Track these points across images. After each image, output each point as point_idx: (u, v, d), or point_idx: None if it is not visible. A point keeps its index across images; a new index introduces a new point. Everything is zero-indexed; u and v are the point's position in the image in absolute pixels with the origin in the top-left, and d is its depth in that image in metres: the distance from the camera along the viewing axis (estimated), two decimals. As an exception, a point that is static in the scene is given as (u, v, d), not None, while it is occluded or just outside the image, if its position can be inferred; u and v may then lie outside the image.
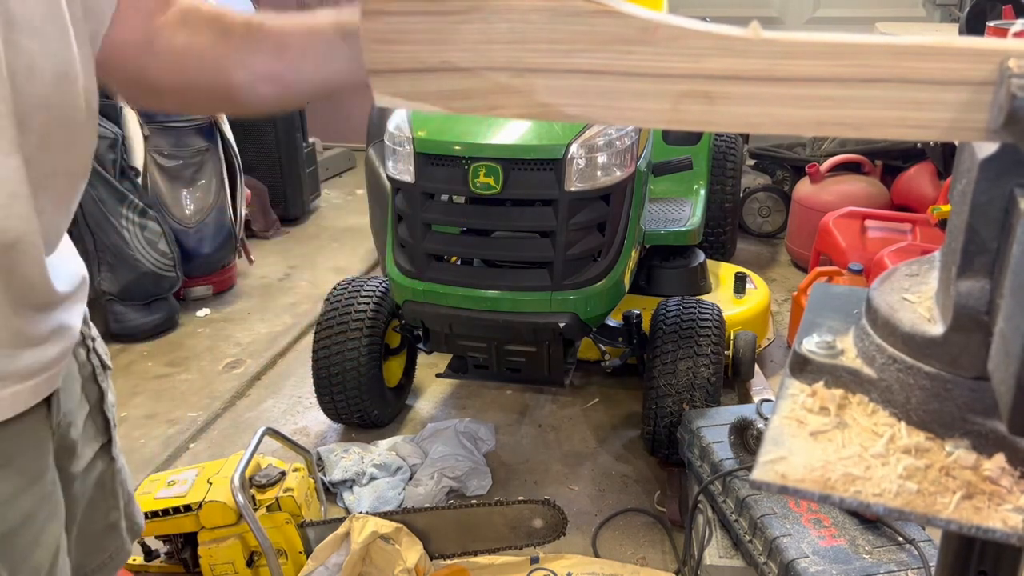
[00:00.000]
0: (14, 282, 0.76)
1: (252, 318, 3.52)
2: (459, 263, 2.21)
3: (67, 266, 0.88)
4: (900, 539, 1.60)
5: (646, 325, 2.45)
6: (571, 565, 1.98)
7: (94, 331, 1.01)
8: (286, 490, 1.89)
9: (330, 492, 2.33)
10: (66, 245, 0.90)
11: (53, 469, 0.88)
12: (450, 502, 2.26)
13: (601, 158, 2.05)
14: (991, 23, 3.18)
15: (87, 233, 3.12)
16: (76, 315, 0.90)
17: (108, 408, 1.01)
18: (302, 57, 0.81)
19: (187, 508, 1.83)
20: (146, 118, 3.30)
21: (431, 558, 1.90)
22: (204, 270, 3.57)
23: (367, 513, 1.88)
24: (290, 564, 1.90)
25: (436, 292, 2.13)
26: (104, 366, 1.01)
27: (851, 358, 0.57)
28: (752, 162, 4.66)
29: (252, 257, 3.79)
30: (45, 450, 0.86)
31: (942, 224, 3.15)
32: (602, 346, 2.45)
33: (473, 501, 2.15)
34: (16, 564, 0.81)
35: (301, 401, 2.85)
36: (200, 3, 0.86)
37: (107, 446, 1.01)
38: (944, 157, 3.73)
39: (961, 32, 3.72)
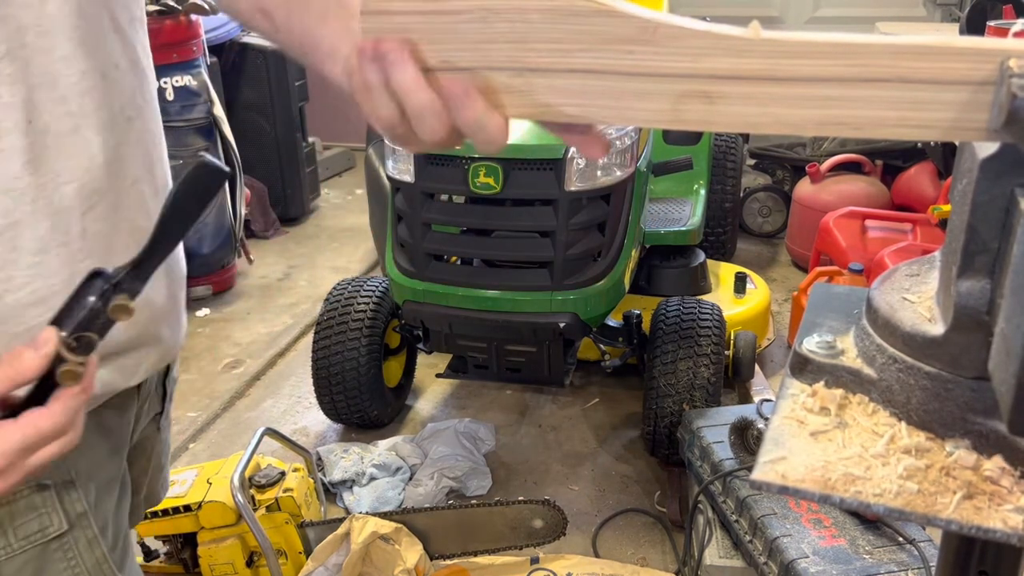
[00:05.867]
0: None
1: (252, 318, 3.52)
2: (459, 263, 2.21)
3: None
4: (900, 539, 1.60)
5: (646, 325, 2.45)
6: (571, 565, 1.98)
7: None
8: (286, 490, 1.89)
9: (330, 492, 2.32)
10: None
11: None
12: (450, 502, 2.25)
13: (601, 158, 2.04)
14: (991, 23, 3.18)
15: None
16: None
17: (170, 381, 1.01)
18: (289, 7, 0.68)
19: (187, 508, 1.83)
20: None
21: (431, 558, 1.89)
22: (204, 270, 3.57)
23: (367, 513, 1.88)
24: (290, 564, 1.90)
25: (436, 292, 2.13)
26: None
27: (851, 358, 0.57)
28: (752, 162, 4.66)
29: (252, 257, 3.79)
30: (131, 418, 0.89)
31: (942, 224, 3.15)
32: (602, 346, 2.45)
33: (473, 501, 2.15)
34: (105, 522, 0.82)
35: (301, 401, 2.85)
36: None
37: (157, 417, 1.01)
38: (944, 157, 3.73)
39: (961, 32, 3.72)
